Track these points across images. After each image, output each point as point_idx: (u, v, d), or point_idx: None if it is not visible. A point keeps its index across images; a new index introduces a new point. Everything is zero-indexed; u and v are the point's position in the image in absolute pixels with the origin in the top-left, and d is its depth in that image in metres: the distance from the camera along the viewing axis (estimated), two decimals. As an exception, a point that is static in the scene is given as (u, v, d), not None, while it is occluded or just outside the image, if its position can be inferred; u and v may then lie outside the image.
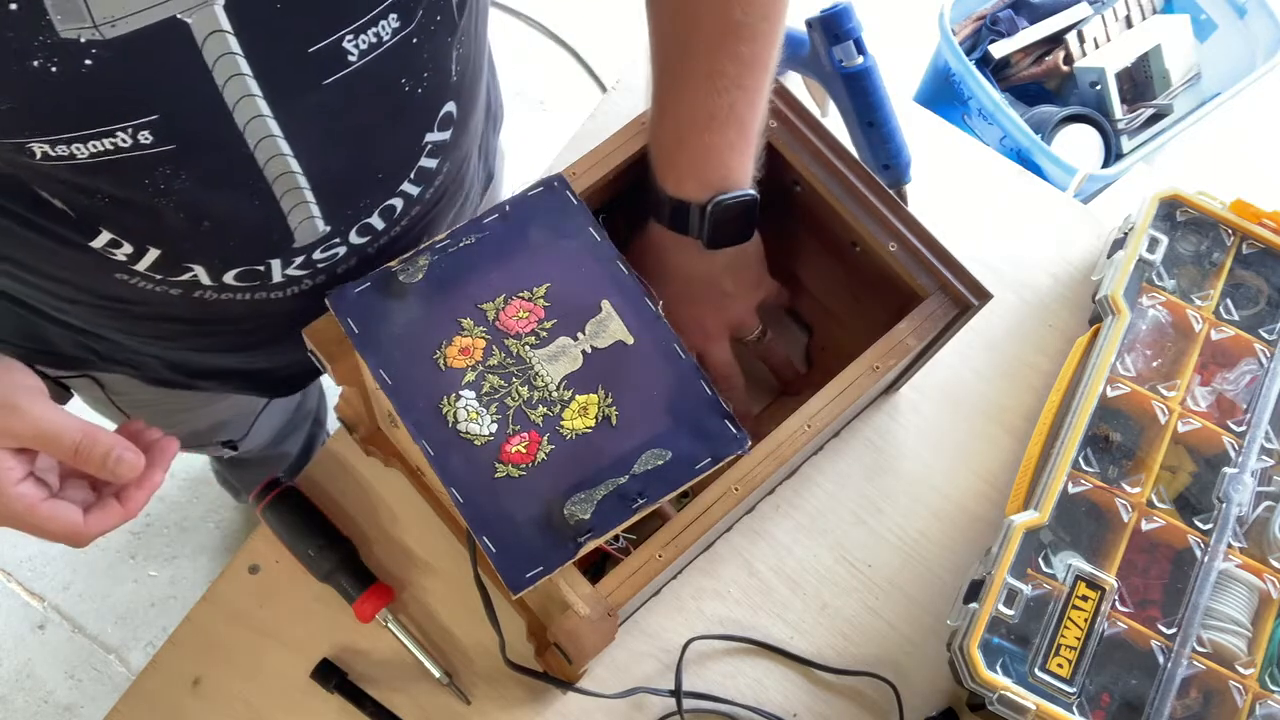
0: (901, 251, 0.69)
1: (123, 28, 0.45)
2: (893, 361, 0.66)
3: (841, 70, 0.72)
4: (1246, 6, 1.56)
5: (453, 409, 0.59)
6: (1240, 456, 0.77)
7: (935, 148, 0.93)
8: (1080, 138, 1.58)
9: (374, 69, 0.55)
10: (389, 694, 0.74)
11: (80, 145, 0.49)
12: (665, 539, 0.62)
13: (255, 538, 0.77)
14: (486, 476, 0.58)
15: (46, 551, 1.62)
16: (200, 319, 0.67)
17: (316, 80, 0.53)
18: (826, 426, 0.65)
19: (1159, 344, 0.81)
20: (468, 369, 0.60)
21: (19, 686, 1.55)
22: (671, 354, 0.61)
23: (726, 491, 0.63)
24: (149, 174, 0.52)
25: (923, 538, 0.80)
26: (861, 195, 0.70)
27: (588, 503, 0.58)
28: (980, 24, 1.63)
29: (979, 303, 0.68)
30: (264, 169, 0.56)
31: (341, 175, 0.60)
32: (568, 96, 1.96)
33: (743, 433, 0.60)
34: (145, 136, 0.50)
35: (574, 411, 0.60)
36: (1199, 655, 0.72)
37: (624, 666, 0.76)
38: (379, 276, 0.62)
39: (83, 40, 0.45)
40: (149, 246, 0.59)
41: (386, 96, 0.58)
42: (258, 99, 0.52)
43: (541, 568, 0.57)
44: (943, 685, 0.77)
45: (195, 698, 0.74)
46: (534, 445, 0.59)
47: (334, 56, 0.53)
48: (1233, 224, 0.85)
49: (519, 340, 0.61)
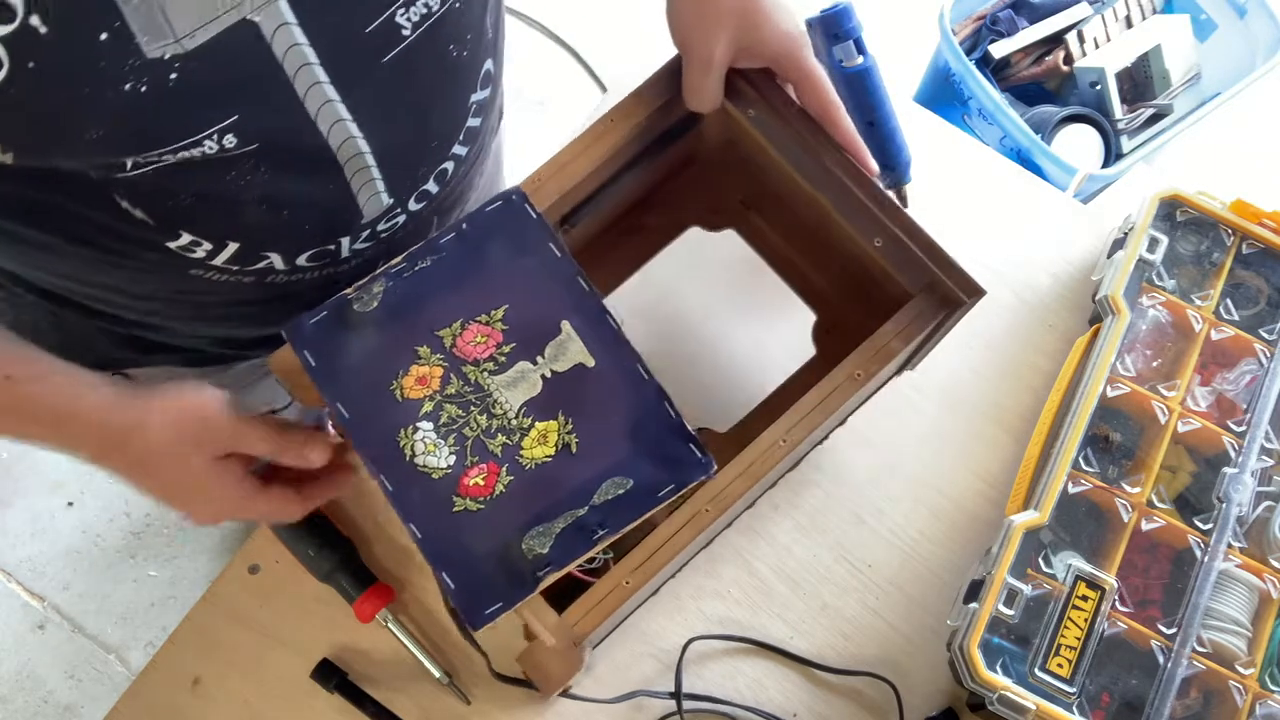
0: (888, 247, 0.65)
1: (201, 37, 0.47)
2: (875, 368, 0.63)
3: (841, 70, 0.72)
4: (1246, 6, 1.56)
5: (410, 441, 0.58)
6: (1240, 456, 0.77)
7: (935, 148, 0.93)
8: (1080, 138, 1.58)
9: (426, 40, 0.57)
10: (389, 694, 0.74)
11: (170, 155, 0.50)
12: (632, 565, 0.60)
13: (255, 538, 0.77)
14: (445, 511, 0.57)
15: (46, 551, 1.62)
16: (268, 299, 0.68)
17: (376, 59, 0.55)
18: (804, 441, 0.62)
19: (1159, 344, 0.81)
20: (425, 399, 0.58)
21: (19, 686, 1.55)
22: (634, 375, 0.59)
23: (697, 513, 0.60)
24: (231, 170, 0.54)
25: (923, 538, 0.80)
26: (844, 187, 0.66)
27: (546, 536, 0.56)
28: (980, 24, 1.63)
29: (970, 300, 0.64)
30: (336, 152, 0.58)
31: (402, 148, 0.62)
32: (568, 96, 1.96)
33: (708, 457, 0.58)
34: (230, 140, 0.52)
35: (533, 440, 0.58)
36: (1199, 655, 0.72)
37: (624, 666, 0.76)
38: (335, 306, 0.60)
39: (167, 56, 0.46)
40: (228, 241, 0.60)
41: (439, 65, 0.60)
42: (325, 85, 0.54)
43: (501, 604, 0.56)
44: (943, 685, 0.77)
45: (195, 698, 0.74)
46: (492, 477, 0.57)
47: (390, 33, 0.55)
48: (1233, 224, 0.85)
49: (477, 367, 0.59)
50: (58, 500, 1.65)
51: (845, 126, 0.65)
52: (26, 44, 0.43)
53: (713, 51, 0.64)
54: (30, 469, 1.68)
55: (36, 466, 1.68)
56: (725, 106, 0.67)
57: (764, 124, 0.67)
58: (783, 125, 0.66)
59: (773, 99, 0.66)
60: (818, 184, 0.66)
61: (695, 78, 0.66)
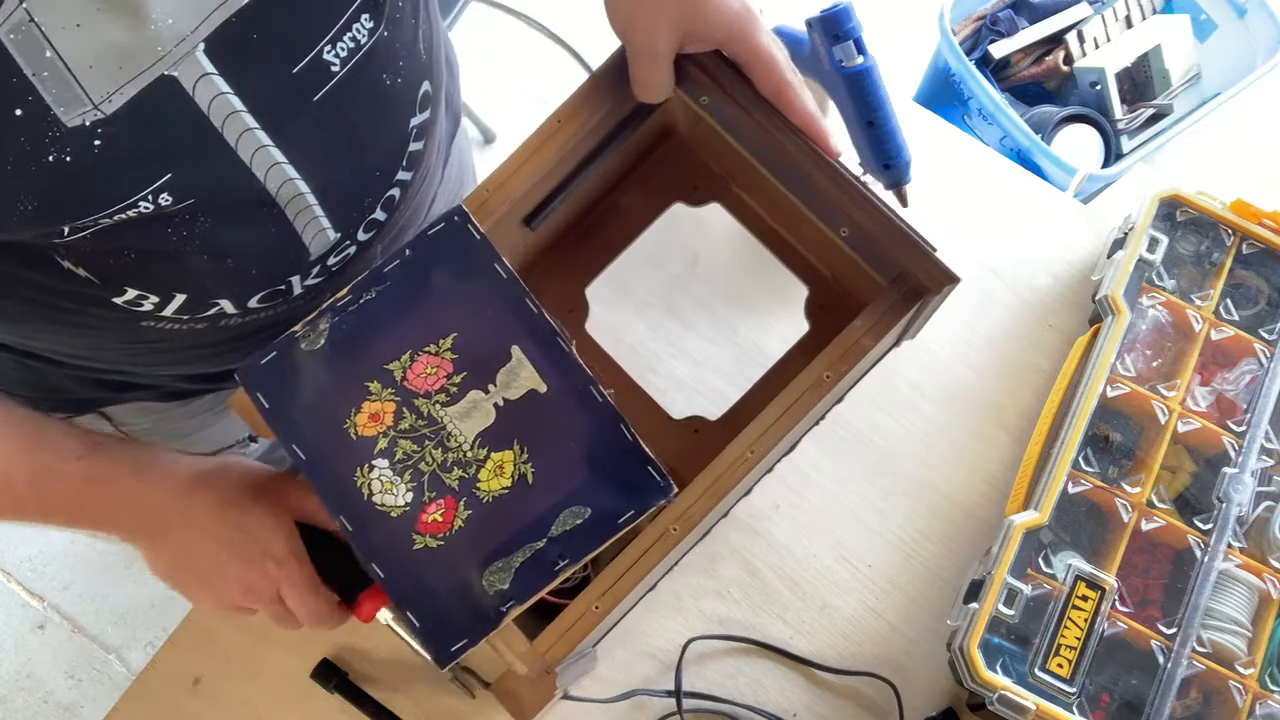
0: (855, 237, 0.62)
1: (119, 100, 0.46)
2: (845, 368, 0.61)
3: (841, 70, 0.71)
4: (1246, 6, 1.56)
5: (367, 480, 0.57)
6: (1240, 456, 0.77)
7: (935, 148, 0.93)
8: (1080, 138, 1.58)
9: (356, 74, 0.55)
10: (389, 694, 0.74)
11: (106, 219, 0.50)
12: (600, 589, 0.58)
13: (255, 538, 0.77)
14: (406, 549, 0.56)
15: (46, 551, 1.62)
16: (224, 340, 0.68)
17: (306, 98, 0.54)
18: (772, 451, 0.60)
19: (1159, 344, 0.81)
20: (379, 436, 0.57)
21: (19, 686, 1.55)
22: (587, 399, 0.58)
23: (664, 533, 0.59)
24: (169, 226, 0.53)
25: (923, 538, 0.80)
26: (806, 176, 0.62)
27: (505, 571, 0.56)
28: (980, 24, 1.63)
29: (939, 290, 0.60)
30: (276, 196, 0.56)
31: (343, 182, 0.61)
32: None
33: (666, 480, 0.57)
34: (165, 199, 0.51)
35: (490, 471, 0.57)
36: (1199, 655, 0.72)
37: (624, 666, 0.76)
38: (283, 345, 0.59)
39: (88, 123, 0.46)
40: (175, 293, 0.59)
41: (373, 96, 0.58)
42: (256, 131, 0.52)
43: (466, 640, 0.56)
44: (943, 685, 0.77)
45: (195, 698, 0.74)
46: (450, 512, 0.57)
47: (318, 70, 0.53)
48: (1233, 224, 0.85)
49: (429, 399, 0.58)
50: (58, 500, 1.65)
51: (801, 107, 0.62)
52: None
53: (655, 42, 0.60)
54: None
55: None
56: (677, 94, 0.64)
57: (719, 112, 0.63)
58: (739, 112, 0.63)
59: (726, 84, 0.63)
60: (778, 173, 0.63)
61: (641, 70, 0.62)
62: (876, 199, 0.62)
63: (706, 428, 0.75)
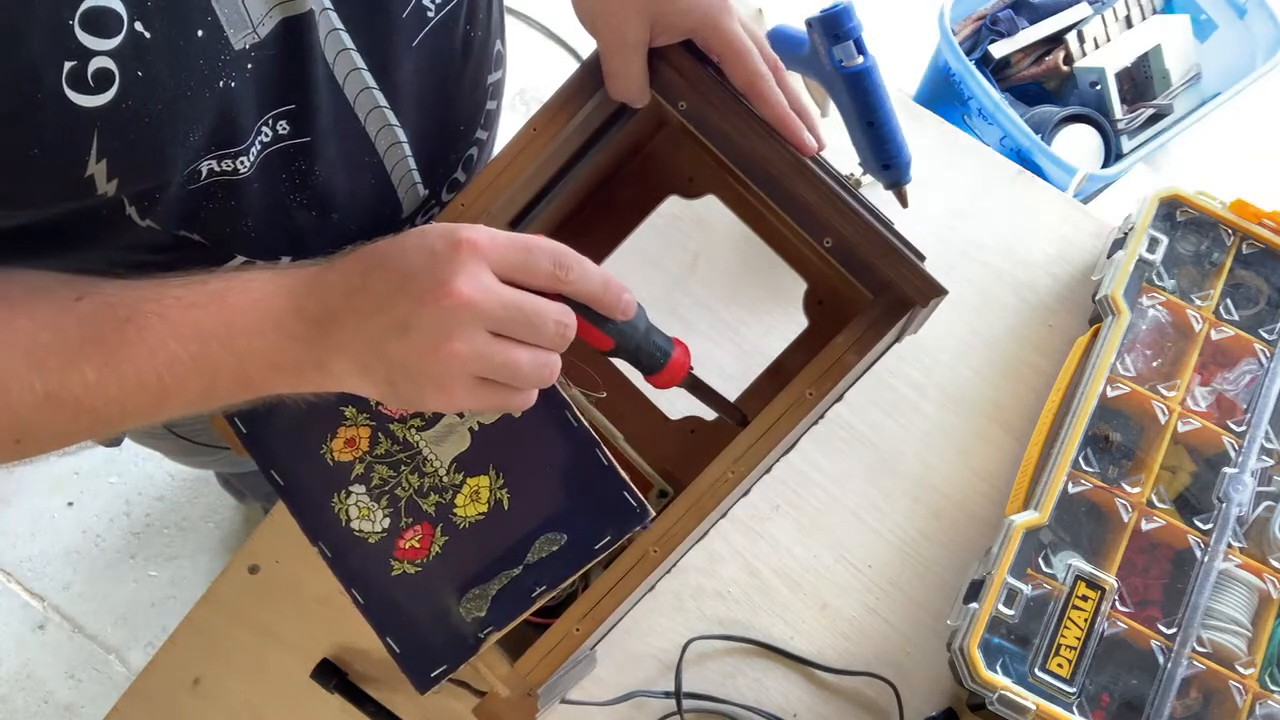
0: (838, 247, 0.59)
1: (269, 23, 0.48)
2: (828, 385, 0.58)
3: (841, 70, 0.71)
4: (1246, 6, 1.56)
5: (344, 506, 0.57)
6: (1240, 456, 0.77)
7: (935, 148, 0.93)
8: (1080, 138, 1.58)
9: (448, 21, 0.57)
10: (389, 694, 0.74)
11: (231, 159, 0.50)
12: (581, 612, 0.58)
13: (255, 538, 0.77)
14: (384, 575, 0.56)
15: (46, 551, 1.62)
16: None
17: (407, 41, 0.56)
18: (754, 470, 0.59)
19: (1159, 344, 0.81)
20: (355, 461, 0.57)
21: (19, 686, 1.55)
22: (562, 423, 0.57)
23: (645, 554, 0.58)
24: (285, 171, 0.54)
25: (923, 538, 0.80)
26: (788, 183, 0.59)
27: (482, 599, 0.56)
28: (980, 24, 1.63)
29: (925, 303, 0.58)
30: (375, 141, 0.58)
31: (433, 135, 0.62)
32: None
33: (643, 505, 0.56)
34: (283, 127, 0.52)
35: (466, 497, 0.57)
36: (1199, 655, 0.72)
37: (624, 667, 0.76)
38: None
39: (248, 47, 0.47)
40: (282, 256, 0.60)
41: (460, 46, 0.60)
42: (363, 72, 0.54)
43: (445, 666, 0.56)
44: (943, 685, 0.77)
45: (195, 698, 0.74)
46: (427, 539, 0.57)
47: (417, 15, 0.55)
48: (1233, 224, 0.85)
49: (404, 424, 0.58)
50: (58, 500, 1.65)
51: (774, 101, 0.59)
52: (134, 52, 0.42)
53: (624, 33, 0.58)
54: (30, 468, 1.68)
55: (36, 466, 1.68)
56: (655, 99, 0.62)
57: (697, 118, 0.61)
58: (718, 118, 0.60)
59: (701, 86, 0.60)
60: (761, 182, 0.61)
61: (613, 64, 0.60)
62: (860, 208, 0.60)
63: (703, 428, 0.75)
